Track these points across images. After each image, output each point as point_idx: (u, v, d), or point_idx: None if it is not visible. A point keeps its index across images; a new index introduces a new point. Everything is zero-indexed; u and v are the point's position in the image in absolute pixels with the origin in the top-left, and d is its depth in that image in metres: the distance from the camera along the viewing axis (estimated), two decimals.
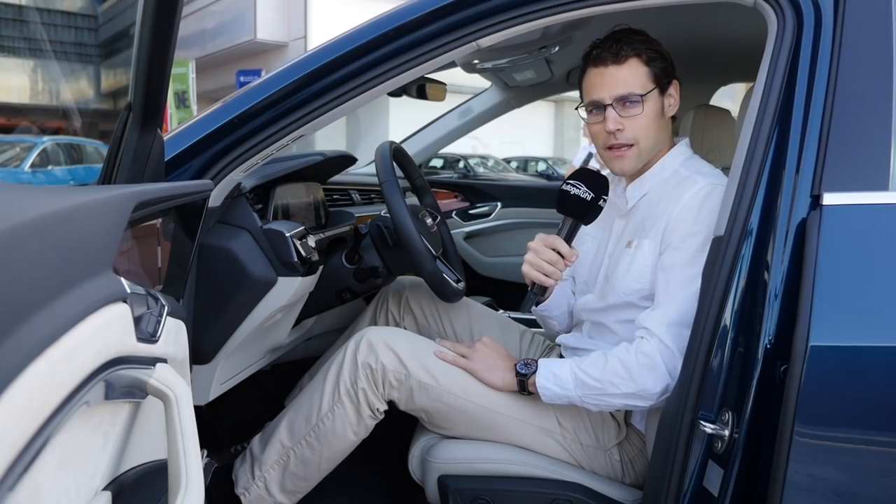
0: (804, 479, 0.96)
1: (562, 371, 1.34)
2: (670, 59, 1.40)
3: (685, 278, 1.26)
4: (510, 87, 2.53)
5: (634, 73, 1.35)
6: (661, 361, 1.25)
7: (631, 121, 1.36)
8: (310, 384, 1.49)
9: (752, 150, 1.07)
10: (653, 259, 1.35)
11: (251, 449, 1.51)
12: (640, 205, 1.43)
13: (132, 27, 0.91)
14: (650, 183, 1.42)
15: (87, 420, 0.60)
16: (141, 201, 0.74)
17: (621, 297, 1.40)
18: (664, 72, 1.38)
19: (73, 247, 0.54)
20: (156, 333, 0.73)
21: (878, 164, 1.00)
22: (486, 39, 1.20)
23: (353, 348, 1.43)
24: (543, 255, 1.38)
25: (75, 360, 0.50)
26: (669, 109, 1.41)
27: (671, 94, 1.40)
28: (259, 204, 1.51)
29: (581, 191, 1.36)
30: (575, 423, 1.41)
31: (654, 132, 1.38)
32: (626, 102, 1.35)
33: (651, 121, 1.37)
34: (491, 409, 1.40)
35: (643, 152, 1.39)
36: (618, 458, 1.41)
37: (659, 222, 1.34)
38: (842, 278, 0.96)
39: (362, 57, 1.21)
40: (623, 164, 1.40)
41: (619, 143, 1.37)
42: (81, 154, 11.01)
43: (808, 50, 1.06)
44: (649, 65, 1.36)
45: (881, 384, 0.96)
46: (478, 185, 3.19)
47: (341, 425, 1.42)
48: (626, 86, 1.35)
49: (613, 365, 1.28)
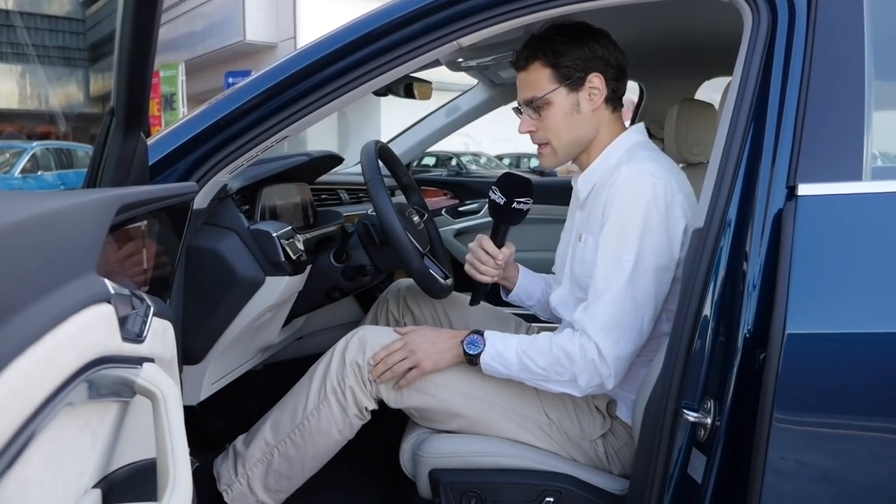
0: (784, 464, 0.98)
1: (507, 351, 1.36)
2: (595, 51, 1.38)
3: (609, 277, 1.29)
4: (496, 85, 2.55)
5: (536, 76, 1.40)
6: (593, 366, 1.29)
7: (540, 122, 1.42)
8: (297, 383, 1.50)
9: (730, 143, 1.09)
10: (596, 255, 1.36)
11: (234, 446, 1.51)
12: (592, 196, 1.45)
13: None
14: (598, 173, 1.44)
15: (74, 418, 0.62)
16: (124, 204, 0.75)
17: (582, 292, 1.41)
18: (577, 67, 1.37)
19: (54, 249, 0.56)
20: (142, 333, 0.75)
21: (852, 155, 1.02)
22: (467, 38, 1.21)
23: (342, 347, 1.44)
24: (476, 254, 1.56)
25: (58, 359, 0.51)
26: (590, 103, 1.40)
27: (593, 86, 1.39)
28: (246, 205, 1.52)
29: (496, 196, 1.50)
30: (560, 415, 1.42)
31: (568, 129, 1.41)
32: (532, 106, 1.41)
33: (561, 119, 1.40)
34: (478, 399, 1.42)
35: (559, 150, 1.43)
36: (602, 450, 1.42)
37: (598, 217, 1.36)
38: (817, 267, 0.98)
39: (345, 57, 1.22)
40: (544, 161, 1.48)
41: (536, 141, 1.45)
42: (72, 158, 10.99)
43: (783, 44, 1.08)
44: (552, 65, 1.38)
45: (856, 370, 0.98)
46: (467, 183, 3.21)
47: (326, 424, 1.43)
48: (530, 90, 1.41)
49: (558, 355, 1.31)
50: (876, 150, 1.04)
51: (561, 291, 1.52)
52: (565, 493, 1.36)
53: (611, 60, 1.40)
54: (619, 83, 1.43)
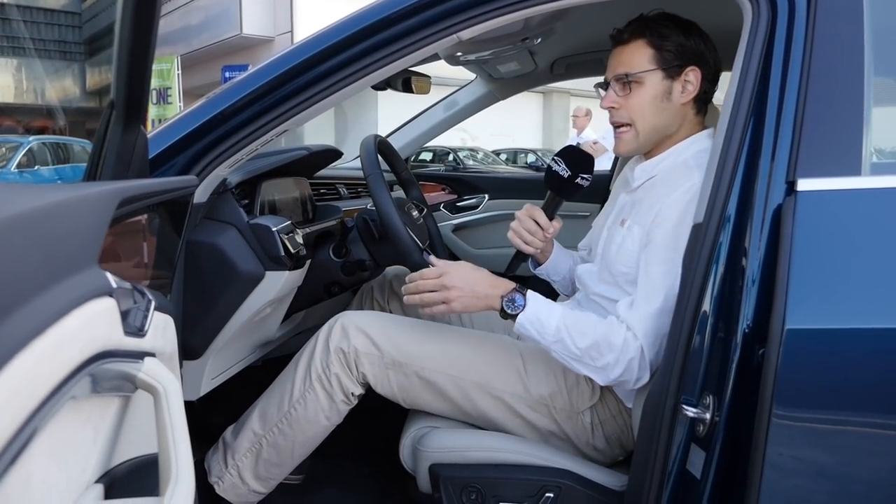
0: (783, 460, 0.98)
1: (549, 321, 1.32)
2: (698, 46, 1.37)
3: (666, 280, 1.26)
4: (495, 79, 2.54)
5: (636, 53, 1.36)
6: (636, 362, 1.27)
7: (626, 100, 1.38)
8: (282, 372, 1.50)
9: (729, 138, 1.09)
10: (639, 246, 1.35)
11: (224, 438, 1.52)
12: (647, 185, 1.44)
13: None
14: (660, 166, 1.43)
15: (76, 413, 0.61)
16: (125, 197, 0.75)
17: (611, 277, 1.41)
18: (677, 56, 1.36)
19: (56, 243, 0.55)
20: (143, 328, 0.74)
21: (851, 150, 1.02)
22: (467, 32, 1.21)
23: (325, 334, 1.44)
24: (525, 223, 1.53)
25: (61, 353, 0.51)
26: (681, 95, 1.38)
27: (688, 80, 1.37)
28: (245, 199, 1.52)
29: (560, 168, 1.47)
30: (551, 390, 1.42)
31: (654, 115, 1.38)
32: (623, 82, 1.37)
33: (648, 103, 1.37)
34: (463, 378, 1.42)
35: (641, 134, 1.40)
36: (588, 421, 1.42)
37: (652, 210, 1.34)
38: (817, 262, 0.98)
39: (344, 51, 1.22)
40: (620, 145, 1.43)
41: (616, 121, 1.41)
42: (68, 153, 10.94)
43: (783, 39, 1.08)
44: (655, 47, 1.36)
45: (856, 365, 0.98)
46: (465, 178, 3.20)
47: (313, 411, 1.43)
48: (624, 66, 1.37)
49: (599, 342, 1.29)
50: (875, 145, 1.04)
51: (591, 266, 1.52)
52: (565, 488, 1.36)
53: (710, 60, 1.39)
54: (711, 85, 1.42)
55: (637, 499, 1.14)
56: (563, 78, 2.52)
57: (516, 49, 2.04)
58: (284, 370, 1.50)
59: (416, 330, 1.48)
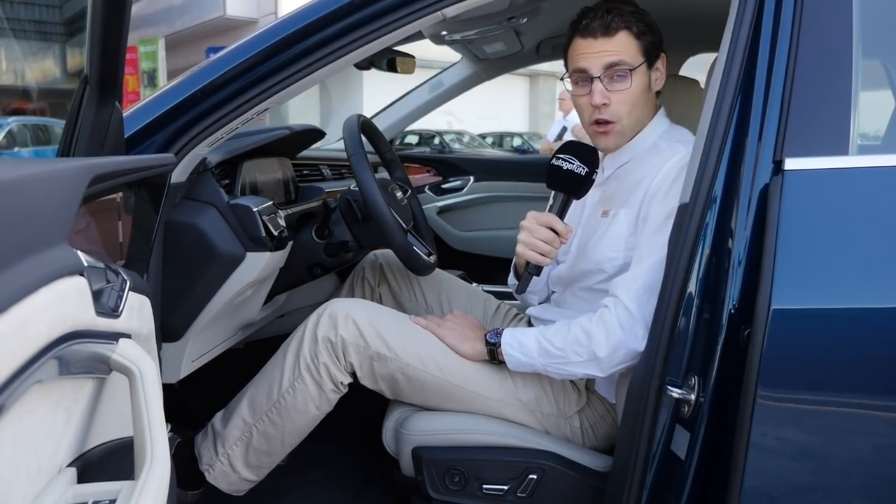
0: (767, 441, 0.98)
1: (527, 339, 1.35)
2: (660, 33, 1.38)
3: (654, 245, 1.26)
4: (480, 60, 2.52)
5: (624, 43, 1.33)
6: (619, 329, 1.26)
7: (617, 95, 1.34)
8: (271, 359, 1.49)
9: (716, 118, 1.08)
10: (628, 229, 1.35)
11: (213, 425, 1.50)
12: (617, 174, 1.44)
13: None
14: (629, 154, 1.43)
15: (47, 395, 0.60)
16: (97, 174, 0.72)
17: (593, 264, 1.41)
18: (654, 46, 1.36)
19: (22, 218, 0.53)
20: (118, 308, 0.73)
21: (839, 129, 1.01)
22: (452, 8, 1.18)
23: (313, 322, 1.42)
24: (538, 233, 1.33)
25: (27, 332, 0.49)
26: (656, 84, 1.40)
27: (658, 67, 1.39)
28: (226, 179, 1.49)
29: (574, 165, 1.33)
30: (537, 395, 1.42)
31: (639, 108, 1.38)
32: (615, 75, 1.33)
33: (637, 96, 1.35)
34: (448, 381, 1.41)
35: (625, 129, 1.39)
36: (578, 425, 1.43)
37: (637, 192, 1.34)
38: (803, 242, 0.98)
39: (326, 28, 1.19)
40: (606, 141, 1.40)
41: (603, 118, 1.36)
42: (48, 134, 10.79)
43: (770, 18, 1.06)
44: (639, 38, 1.34)
45: (841, 346, 0.98)
46: (450, 160, 3.19)
47: (303, 400, 1.42)
48: (615, 55, 1.32)
49: (576, 333, 1.29)
50: (862, 124, 1.04)
51: (562, 268, 1.51)
52: (548, 470, 1.36)
53: (662, 46, 1.40)
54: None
55: (621, 480, 1.14)
56: (549, 59, 2.50)
57: (502, 29, 2.01)
58: (272, 358, 1.48)
59: (404, 326, 1.45)
